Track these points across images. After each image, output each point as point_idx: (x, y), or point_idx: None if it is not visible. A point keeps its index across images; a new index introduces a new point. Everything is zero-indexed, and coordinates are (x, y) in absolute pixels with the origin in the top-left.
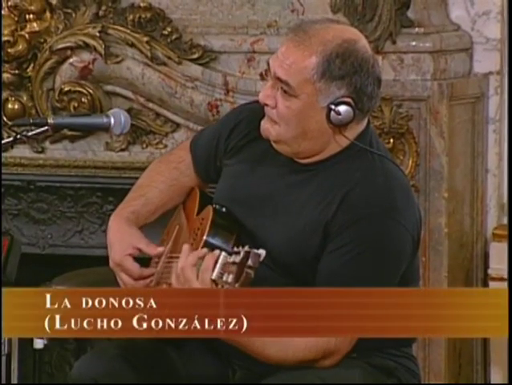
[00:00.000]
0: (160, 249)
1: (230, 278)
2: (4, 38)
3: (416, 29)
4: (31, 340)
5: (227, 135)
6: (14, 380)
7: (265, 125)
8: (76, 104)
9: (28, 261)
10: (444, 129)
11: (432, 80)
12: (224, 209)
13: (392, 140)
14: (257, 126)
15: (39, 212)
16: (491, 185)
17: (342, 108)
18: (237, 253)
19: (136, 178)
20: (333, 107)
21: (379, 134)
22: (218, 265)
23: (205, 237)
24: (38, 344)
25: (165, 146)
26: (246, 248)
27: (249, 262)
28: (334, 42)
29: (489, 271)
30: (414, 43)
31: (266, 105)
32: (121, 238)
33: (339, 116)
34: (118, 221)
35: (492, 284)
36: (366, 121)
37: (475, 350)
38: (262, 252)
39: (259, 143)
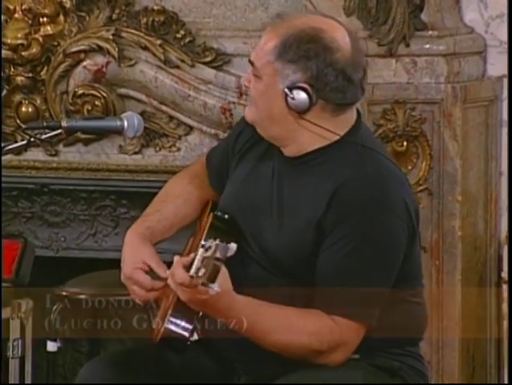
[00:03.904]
0: (169, 273)
1: (202, 272)
2: (18, 42)
3: (430, 32)
4: (45, 343)
5: (234, 141)
6: (28, 383)
7: (246, 110)
8: (90, 107)
9: (42, 263)
10: (458, 132)
11: (445, 83)
12: (226, 216)
13: (405, 143)
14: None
15: (53, 215)
16: (505, 188)
17: (296, 92)
18: (210, 247)
19: (150, 181)
20: (286, 90)
21: (392, 137)
22: (195, 262)
23: (202, 242)
24: (52, 347)
25: (178, 149)
26: (217, 241)
27: (217, 254)
28: (298, 27)
29: (503, 274)
30: (428, 46)
31: (247, 87)
32: (133, 253)
33: (294, 101)
34: (132, 237)
35: (506, 287)
36: (352, 117)
37: (488, 353)
38: (233, 246)
39: (260, 145)
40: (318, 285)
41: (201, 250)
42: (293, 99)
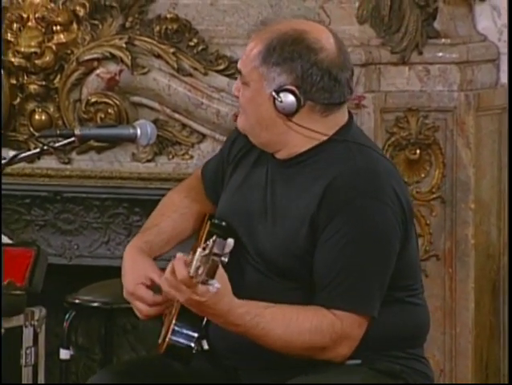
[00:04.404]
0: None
1: (201, 270)
2: (31, 50)
3: (443, 40)
4: (58, 351)
5: (228, 151)
6: None
7: (237, 119)
8: (103, 115)
9: (55, 271)
10: (471, 140)
11: (458, 91)
12: (224, 223)
13: (418, 151)
14: None
15: (66, 222)
16: None
17: (283, 95)
18: (208, 245)
19: (163, 189)
20: (274, 93)
21: (405, 145)
22: (194, 262)
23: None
24: (65, 355)
25: (191, 157)
26: (214, 238)
27: (215, 250)
28: (281, 30)
29: None
30: (440, 54)
31: (237, 97)
32: (134, 268)
33: (282, 103)
34: (131, 252)
35: None
36: (343, 118)
37: (502, 361)
38: (231, 241)
39: (253, 152)
40: (316, 282)
41: (199, 250)
42: (281, 102)
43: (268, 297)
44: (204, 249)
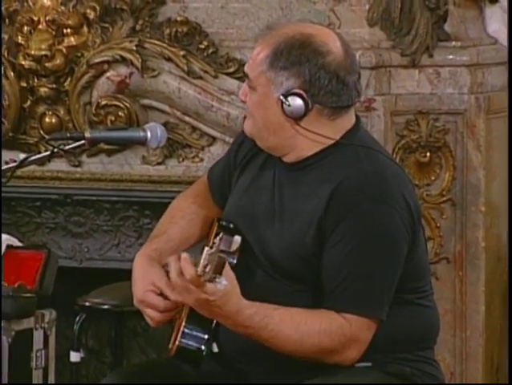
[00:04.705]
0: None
1: (208, 268)
2: (42, 53)
3: (453, 42)
4: (68, 353)
5: (235, 154)
6: None
7: (244, 123)
8: (113, 118)
9: (65, 274)
10: (481, 143)
11: (469, 94)
12: (231, 225)
13: (428, 154)
14: None
15: (76, 225)
16: None
17: (291, 98)
18: (215, 243)
19: (173, 192)
20: (281, 97)
21: (415, 148)
22: (202, 260)
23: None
24: (75, 357)
25: (201, 160)
26: (220, 235)
27: (221, 247)
28: (288, 34)
29: None
30: (451, 57)
31: (244, 102)
32: (143, 276)
33: (290, 107)
34: (141, 260)
35: None
36: (350, 121)
37: None
38: (237, 238)
39: (260, 155)
40: (324, 286)
41: (206, 248)
42: (289, 105)
43: (275, 299)
44: (211, 247)
